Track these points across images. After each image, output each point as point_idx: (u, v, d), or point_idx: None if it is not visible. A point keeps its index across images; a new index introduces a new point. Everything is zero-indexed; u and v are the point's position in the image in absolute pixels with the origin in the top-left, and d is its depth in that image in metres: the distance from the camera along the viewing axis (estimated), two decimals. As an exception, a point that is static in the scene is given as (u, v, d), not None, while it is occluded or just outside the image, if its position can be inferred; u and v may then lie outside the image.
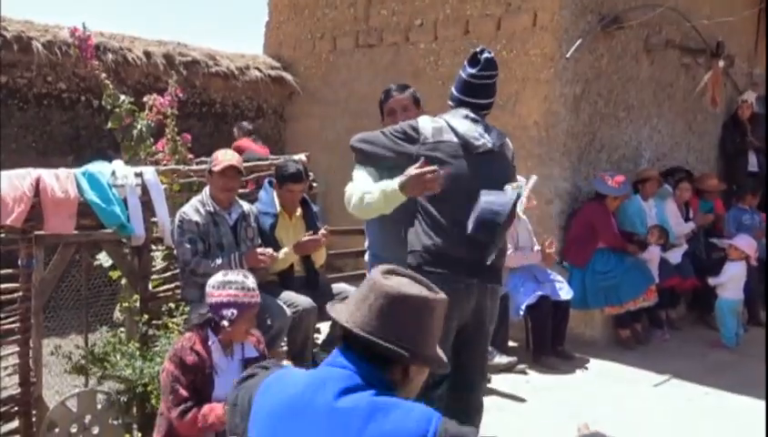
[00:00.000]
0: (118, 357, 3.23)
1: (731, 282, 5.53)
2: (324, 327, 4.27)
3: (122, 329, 3.68)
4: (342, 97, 7.28)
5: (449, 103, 2.86)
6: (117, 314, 4.00)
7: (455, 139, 2.67)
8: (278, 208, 4.01)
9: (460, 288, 2.58)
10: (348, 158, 2.99)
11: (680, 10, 6.34)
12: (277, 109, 7.96)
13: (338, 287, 4.11)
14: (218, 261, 3.46)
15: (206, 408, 2.52)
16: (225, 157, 3.58)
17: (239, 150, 7.08)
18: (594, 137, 5.87)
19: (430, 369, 1.54)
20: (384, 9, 6.89)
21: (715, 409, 4.18)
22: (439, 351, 1.57)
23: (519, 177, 2.86)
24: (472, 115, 2.75)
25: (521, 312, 4.83)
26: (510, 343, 5.04)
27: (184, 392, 2.53)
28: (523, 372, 4.74)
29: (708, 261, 6.16)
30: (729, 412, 4.11)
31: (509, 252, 4.86)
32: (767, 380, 4.22)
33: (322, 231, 3.96)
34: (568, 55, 5.44)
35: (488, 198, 2.55)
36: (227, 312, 2.62)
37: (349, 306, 1.54)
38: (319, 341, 4.20)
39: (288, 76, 7.76)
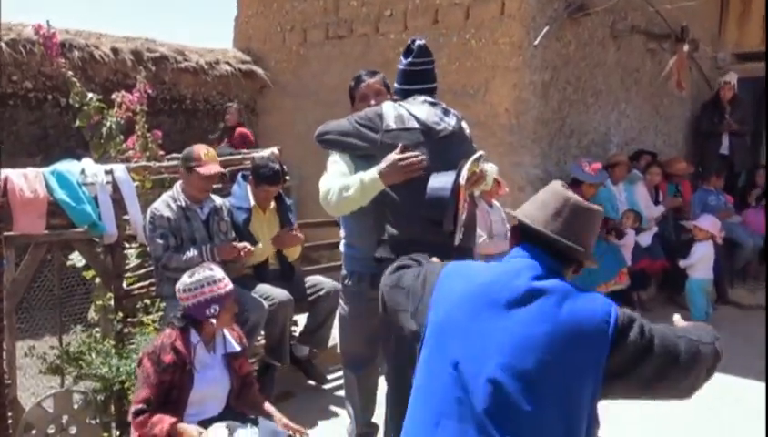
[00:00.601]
0: (94, 356, 3.22)
1: (700, 263, 5.66)
2: (301, 319, 4.28)
3: (97, 329, 3.67)
4: (313, 89, 7.27)
5: (394, 97, 2.89)
6: (92, 314, 3.97)
7: (416, 125, 2.69)
8: (252, 202, 4.01)
9: None
10: (321, 150, 3.00)
11: (644, -5, 6.44)
12: (248, 103, 7.93)
13: (313, 279, 4.13)
14: (190, 254, 3.46)
15: (156, 418, 2.49)
16: (209, 157, 3.55)
17: (246, 137, 7.13)
18: (564, 123, 5.95)
19: (591, 266, 1.88)
20: (354, 1, 6.89)
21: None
22: None
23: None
24: (430, 99, 2.78)
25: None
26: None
27: (147, 392, 2.52)
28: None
29: (677, 243, 6.29)
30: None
31: (483, 239, 4.94)
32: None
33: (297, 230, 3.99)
34: (536, 43, 5.50)
35: (435, 178, 2.59)
36: (210, 310, 2.63)
37: (531, 210, 1.82)
38: (296, 334, 4.22)
39: (259, 70, 7.73)
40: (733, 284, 6.61)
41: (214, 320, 2.63)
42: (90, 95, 4.34)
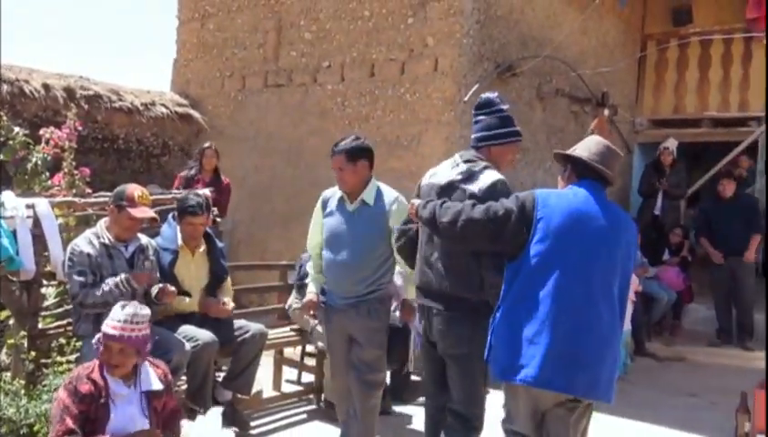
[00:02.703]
0: (1, 396, 3.06)
1: (620, 313, 5.90)
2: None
3: (8, 373, 3.50)
4: (250, 135, 7.32)
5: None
6: (3, 357, 3.79)
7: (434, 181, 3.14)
8: (180, 243, 3.96)
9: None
10: (256, 196, 3.05)
11: (567, 61, 6.86)
12: (183, 147, 7.87)
13: (238, 322, 4.08)
14: (105, 288, 3.37)
15: None
16: (142, 200, 3.51)
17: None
18: (492, 177, 6.18)
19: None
20: (293, 51, 7.05)
21: (603, 430, 4.41)
22: None
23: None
24: (458, 157, 3.10)
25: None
26: (414, 377, 5.13)
27: (70, 423, 2.45)
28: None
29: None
30: (615, 433, 4.34)
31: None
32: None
33: (228, 302, 3.97)
34: (466, 99, 5.75)
35: None
36: (98, 344, 2.65)
37: (582, 152, 2.70)
38: (220, 378, 4.12)
39: (196, 114, 7.72)
40: (650, 337, 6.90)
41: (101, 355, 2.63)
42: (16, 129, 4.25)
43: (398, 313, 5.03)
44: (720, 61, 8.74)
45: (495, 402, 3.07)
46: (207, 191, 4.43)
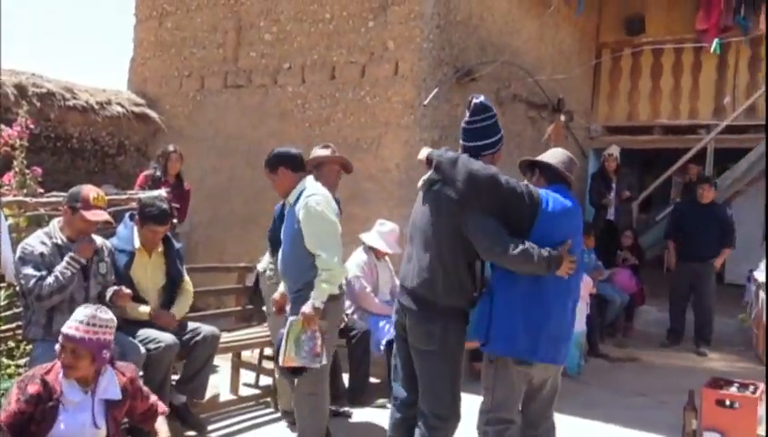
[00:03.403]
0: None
1: (577, 314, 6.01)
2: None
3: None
4: (209, 136, 7.23)
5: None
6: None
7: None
8: (137, 245, 3.89)
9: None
10: (214, 197, 3.05)
11: (525, 67, 6.98)
12: (140, 147, 7.73)
13: (190, 325, 4.04)
14: (54, 273, 3.28)
15: None
16: (97, 202, 3.43)
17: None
18: (451, 180, 6.25)
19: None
20: (253, 51, 7.00)
21: (557, 429, 4.49)
22: None
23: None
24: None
25: (382, 347, 4.97)
26: (372, 379, 5.15)
27: (3, 417, 2.39)
28: (384, 406, 4.84)
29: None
30: (568, 432, 4.43)
31: (368, 290, 5.06)
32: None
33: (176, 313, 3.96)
34: (425, 103, 5.80)
35: None
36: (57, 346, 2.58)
37: (551, 159, 3.12)
38: (174, 382, 4.07)
39: (153, 113, 7.59)
40: (603, 338, 7.06)
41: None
42: (-37, 126, 4.13)
43: (356, 316, 5.08)
44: (671, 70, 9.04)
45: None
46: (162, 192, 4.36)
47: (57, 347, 2.60)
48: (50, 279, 3.25)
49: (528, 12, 7.39)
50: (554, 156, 3.13)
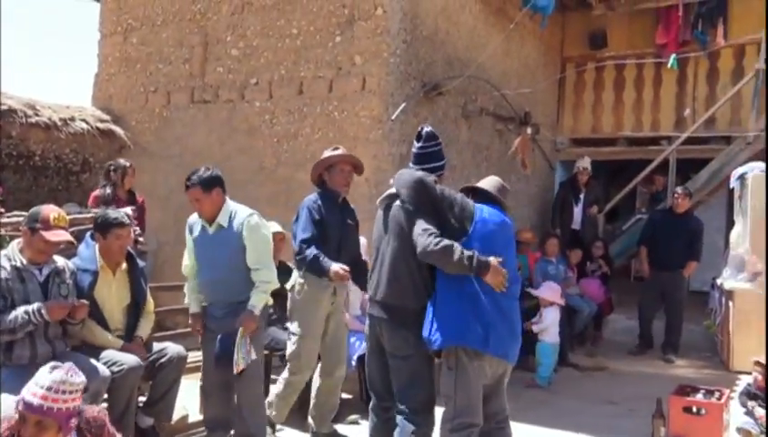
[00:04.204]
0: None
1: (552, 326, 6.04)
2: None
3: None
4: (176, 152, 7.16)
5: None
6: None
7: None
8: (100, 263, 3.82)
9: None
10: (181, 215, 3.01)
11: (491, 81, 7.08)
12: (105, 164, 7.61)
13: (157, 345, 3.96)
14: (15, 313, 3.21)
15: None
16: (58, 222, 3.36)
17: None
18: (420, 194, 6.28)
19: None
20: (220, 67, 6.97)
21: (529, 443, 4.53)
22: None
23: None
24: None
25: (354, 363, 4.95)
26: (344, 395, 5.11)
27: None
28: (356, 422, 4.82)
29: (522, 308, 6.70)
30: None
31: (347, 315, 5.04)
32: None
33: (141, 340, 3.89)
34: (393, 117, 5.84)
35: None
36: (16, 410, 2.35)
37: (484, 185, 3.43)
38: (141, 404, 3.98)
39: (118, 130, 7.49)
40: (573, 348, 7.13)
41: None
42: None
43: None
44: (633, 83, 9.25)
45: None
46: (128, 210, 4.30)
47: (16, 414, 2.34)
48: (7, 318, 3.18)
49: (493, 27, 7.51)
50: (489, 182, 3.47)
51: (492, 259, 3.11)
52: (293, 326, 4.22)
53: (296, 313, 4.21)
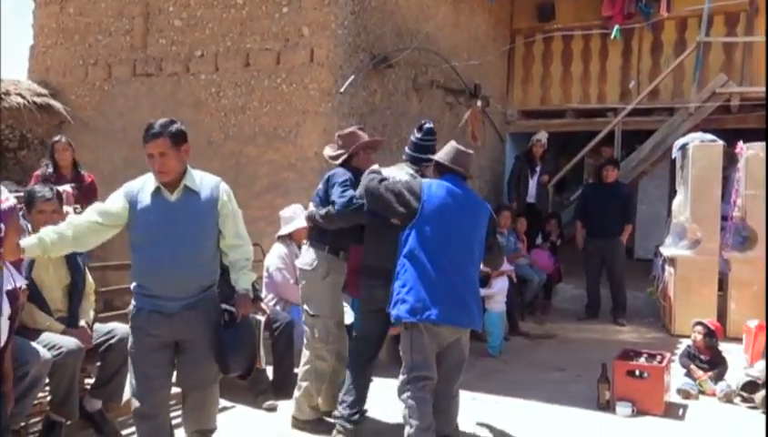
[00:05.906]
0: None
1: (499, 295, 6.13)
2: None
3: None
4: (119, 127, 6.93)
5: (403, 157, 3.96)
6: None
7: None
8: (35, 243, 3.66)
9: None
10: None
11: (441, 54, 7.05)
12: (43, 139, 7.30)
13: (106, 325, 3.86)
14: None
15: None
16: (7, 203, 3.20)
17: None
18: (371, 167, 6.26)
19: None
20: (163, 38, 6.73)
21: (479, 407, 4.61)
22: None
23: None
24: (411, 171, 3.83)
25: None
26: (297, 371, 5.09)
27: None
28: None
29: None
30: (491, 410, 4.55)
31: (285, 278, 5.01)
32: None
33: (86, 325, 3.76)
34: (342, 90, 5.76)
35: None
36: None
37: (443, 156, 3.58)
38: (88, 386, 3.89)
39: (57, 104, 7.20)
40: (523, 317, 7.28)
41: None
42: None
43: (278, 308, 5.00)
44: (580, 56, 9.36)
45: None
46: (67, 188, 4.15)
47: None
48: None
49: (443, -2, 7.46)
50: (446, 152, 3.61)
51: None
52: (314, 307, 4.00)
53: (317, 296, 4.01)
